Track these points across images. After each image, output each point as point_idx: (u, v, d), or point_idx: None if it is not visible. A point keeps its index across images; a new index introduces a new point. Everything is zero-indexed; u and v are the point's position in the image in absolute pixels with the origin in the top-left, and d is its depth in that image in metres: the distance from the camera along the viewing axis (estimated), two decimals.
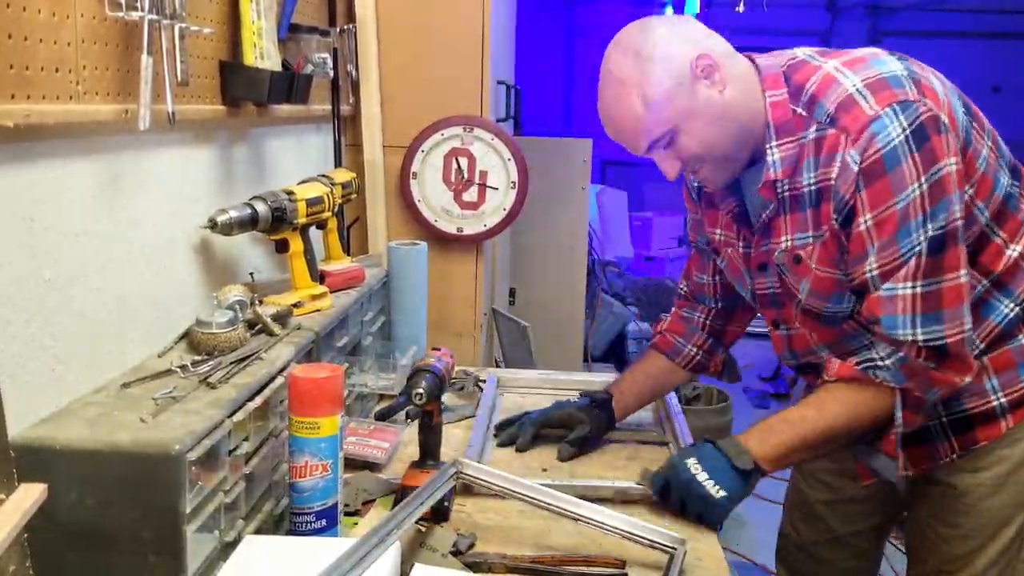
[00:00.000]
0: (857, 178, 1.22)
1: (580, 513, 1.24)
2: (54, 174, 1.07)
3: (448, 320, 2.36)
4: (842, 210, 1.26)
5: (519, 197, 2.32)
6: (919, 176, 1.20)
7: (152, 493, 0.97)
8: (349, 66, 2.20)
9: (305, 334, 1.45)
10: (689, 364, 1.65)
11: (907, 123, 1.20)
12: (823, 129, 1.26)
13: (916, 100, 1.22)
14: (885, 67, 1.26)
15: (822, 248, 1.31)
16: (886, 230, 1.22)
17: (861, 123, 1.22)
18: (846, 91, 1.25)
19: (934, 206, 1.21)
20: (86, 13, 1.08)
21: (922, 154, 1.20)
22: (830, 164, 1.25)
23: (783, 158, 1.30)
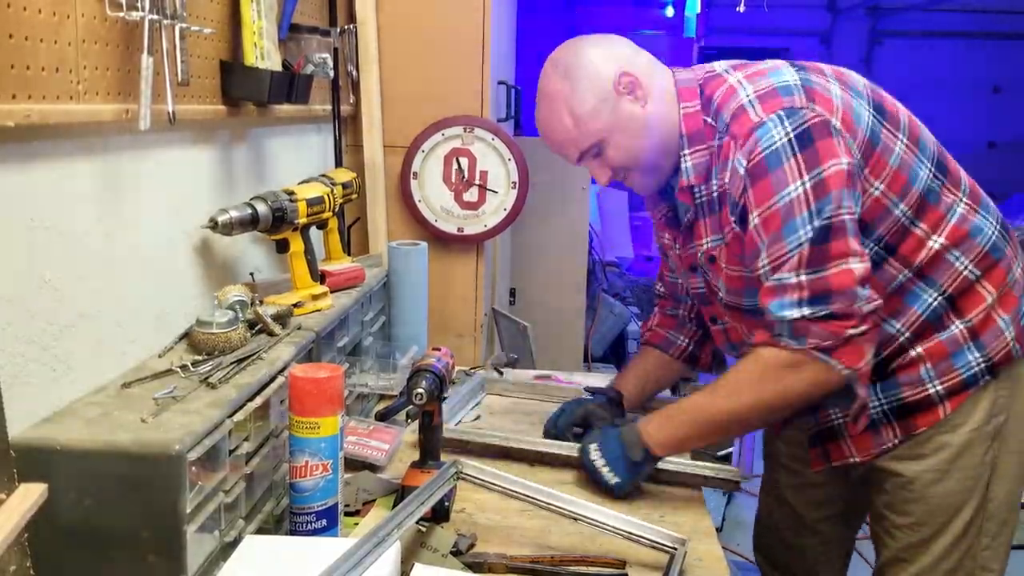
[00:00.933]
0: (744, 180, 1.31)
1: (580, 513, 1.24)
2: (54, 174, 1.07)
3: (448, 320, 2.36)
4: (735, 211, 1.35)
5: (519, 197, 2.32)
6: (801, 175, 1.28)
7: (152, 493, 0.97)
8: (349, 66, 2.19)
9: (305, 334, 1.45)
10: (682, 355, 1.70)
11: (791, 127, 1.28)
12: (721, 138, 1.36)
13: (803, 107, 1.30)
14: (779, 78, 1.35)
15: (727, 249, 1.40)
16: (771, 226, 1.30)
17: (747, 129, 1.31)
18: (740, 102, 1.34)
19: (818, 202, 1.27)
20: (86, 13, 1.08)
21: (805, 155, 1.28)
22: (724, 170, 1.35)
23: (695, 165, 1.40)
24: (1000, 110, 6.45)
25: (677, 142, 1.41)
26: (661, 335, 1.71)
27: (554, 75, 1.41)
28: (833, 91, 1.35)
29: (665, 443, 1.41)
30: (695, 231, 1.46)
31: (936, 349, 1.40)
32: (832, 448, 1.50)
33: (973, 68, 6.41)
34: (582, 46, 1.41)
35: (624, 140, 1.40)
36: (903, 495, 1.45)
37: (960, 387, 1.40)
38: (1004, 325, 1.41)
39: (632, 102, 1.39)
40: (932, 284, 1.39)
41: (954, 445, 1.41)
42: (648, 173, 1.45)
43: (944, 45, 6.43)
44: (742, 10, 4.06)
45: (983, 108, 6.41)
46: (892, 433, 1.44)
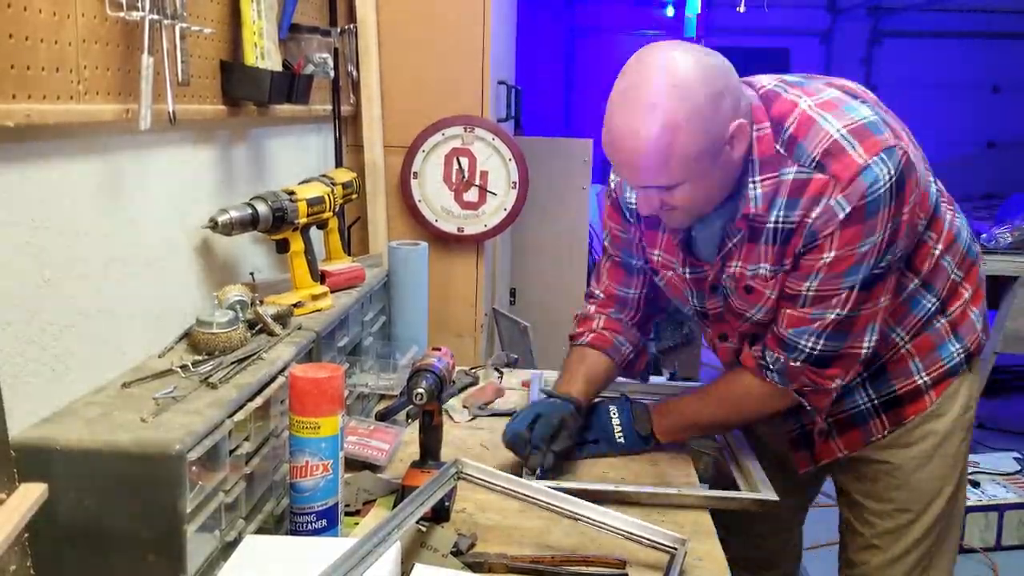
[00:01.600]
0: (839, 221, 1.26)
1: (580, 513, 1.23)
2: (54, 174, 1.07)
3: (448, 320, 2.36)
4: (810, 245, 1.30)
5: (520, 197, 2.32)
6: (887, 224, 1.27)
7: (152, 493, 0.97)
8: (350, 66, 2.19)
9: (306, 334, 1.45)
10: (624, 362, 1.65)
11: (893, 169, 1.25)
12: (805, 172, 1.28)
13: (895, 144, 1.26)
14: (859, 113, 1.29)
15: (784, 277, 1.36)
16: (840, 267, 1.29)
17: (852, 171, 1.24)
18: (830, 136, 1.26)
19: (885, 251, 1.29)
20: (87, 13, 1.08)
21: (896, 202, 1.26)
22: (812, 206, 1.27)
23: (764, 194, 1.31)
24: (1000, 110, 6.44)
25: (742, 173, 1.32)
26: (608, 340, 1.62)
27: (671, 94, 1.20)
28: (893, 122, 1.33)
29: (666, 432, 1.56)
30: (729, 255, 1.40)
31: (923, 343, 1.47)
32: (820, 448, 1.55)
33: (973, 68, 6.40)
34: (708, 70, 1.23)
35: (703, 188, 1.29)
36: (887, 482, 1.52)
37: (944, 376, 1.48)
38: (975, 318, 1.50)
39: (730, 153, 1.27)
40: (931, 290, 1.44)
41: (938, 433, 1.49)
42: (696, 215, 1.36)
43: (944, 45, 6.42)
44: (742, 10, 4.06)
45: (983, 108, 6.40)
46: (881, 425, 1.50)
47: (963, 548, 3.02)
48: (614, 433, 1.56)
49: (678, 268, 1.50)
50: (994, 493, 3.15)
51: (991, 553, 3.06)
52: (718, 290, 1.46)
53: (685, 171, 1.24)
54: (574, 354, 1.64)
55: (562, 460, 1.50)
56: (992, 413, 4.27)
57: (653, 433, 1.55)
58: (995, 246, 3.60)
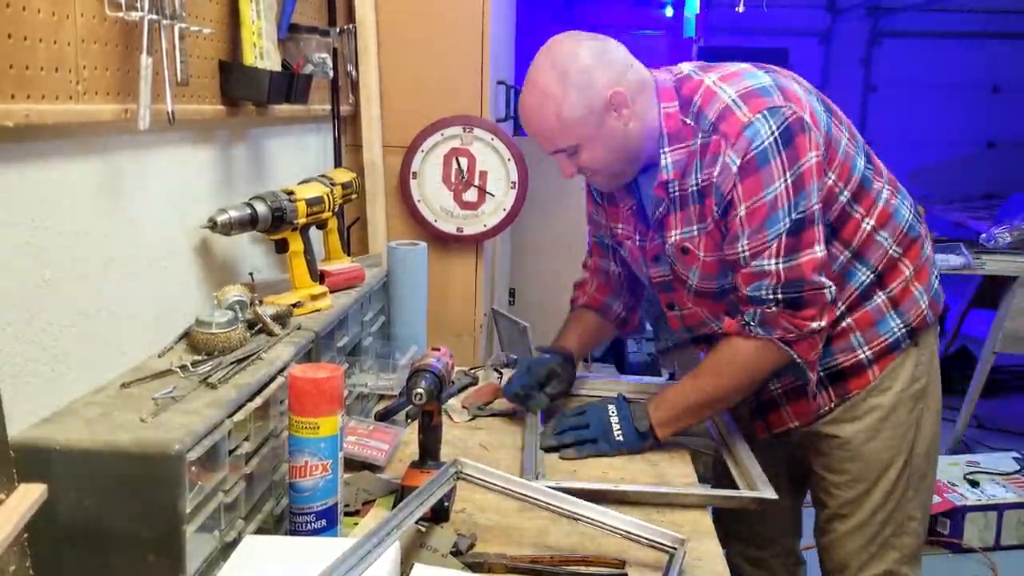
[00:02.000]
0: (735, 175, 1.41)
1: (580, 513, 1.23)
2: (54, 174, 1.07)
3: (448, 320, 2.36)
4: (721, 203, 1.45)
5: (519, 197, 2.32)
6: (784, 172, 1.40)
7: (152, 493, 0.97)
8: (349, 66, 2.19)
9: (305, 334, 1.45)
10: (616, 319, 1.83)
11: (775, 126, 1.40)
12: (707, 136, 1.45)
13: (783, 105, 1.42)
14: (755, 79, 1.46)
15: (707, 237, 1.50)
16: (756, 219, 1.42)
17: (737, 128, 1.41)
18: (723, 102, 1.44)
19: (796, 197, 1.41)
20: (86, 13, 1.08)
21: (787, 153, 1.40)
22: (713, 165, 1.44)
23: (674, 162, 1.49)
24: (1000, 110, 6.43)
25: (651, 144, 1.50)
26: (599, 300, 1.82)
27: (550, 72, 1.45)
28: (798, 90, 1.47)
29: (664, 422, 1.58)
30: (666, 223, 1.54)
31: (863, 318, 1.57)
32: (773, 418, 1.66)
33: (973, 68, 6.39)
34: (581, 51, 1.45)
35: (600, 150, 1.48)
36: (840, 455, 1.62)
37: (886, 351, 1.57)
38: (919, 295, 1.59)
39: (616, 119, 1.46)
40: (865, 263, 1.55)
41: (884, 407, 1.59)
42: (612, 177, 1.56)
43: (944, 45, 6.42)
44: (741, 10, 4.05)
45: (983, 108, 6.40)
46: (828, 398, 1.60)
47: (963, 548, 3.03)
48: (612, 431, 1.58)
49: (635, 238, 1.64)
50: (993, 493, 3.15)
51: (990, 553, 3.06)
52: (660, 259, 1.61)
53: (573, 134, 1.46)
54: (571, 315, 1.86)
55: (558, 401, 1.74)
56: (992, 413, 4.27)
57: (652, 428, 1.57)
58: (995, 246, 3.61)
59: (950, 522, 3.05)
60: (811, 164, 1.42)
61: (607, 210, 1.72)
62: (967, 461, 3.40)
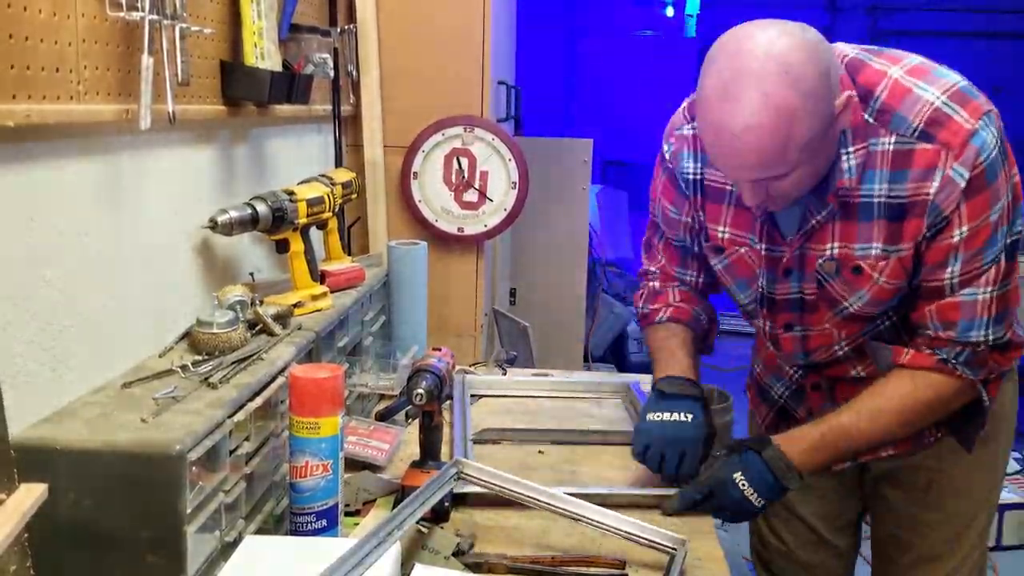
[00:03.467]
0: (962, 193, 1.20)
1: (580, 513, 1.23)
2: (54, 174, 1.07)
3: (448, 320, 2.36)
4: (940, 222, 1.22)
5: (520, 197, 2.32)
6: (1007, 186, 1.23)
7: (152, 493, 0.97)
8: (349, 66, 2.19)
9: (305, 334, 1.45)
10: (703, 335, 1.56)
11: (996, 133, 1.21)
12: (906, 143, 1.21)
13: (992, 108, 1.23)
14: (952, 77, 1.24)
15: (898, 262, 1.27)
16: (977, 242, 1.23)
17: (962, 138, 1.19)
18: (932, 104, 1.21)
19: (1012, 213, 1.25)
20: (86, 13, 1.08)
21: (1007, 164, 1.22)
22: (926, 179, 1.21)
23: (857, 165, 1.24)
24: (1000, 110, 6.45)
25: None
26: (688, 312, 1.52)
27: (781, 82, 1.12)
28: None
29: (814, 469, 1.34)
30: (822, 234, 1.31)
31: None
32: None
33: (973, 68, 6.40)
34: (813, 48, 1.15)
35: (813, 168, 1.21)
36: (939, 490, 1.45)
37: (996, 377, 1.38)
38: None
39: (836, 127, 1.20)
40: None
41: (985, 435, 1.42)
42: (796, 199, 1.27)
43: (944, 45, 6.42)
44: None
45: None
46: (933, 428, 1.42)
47: None
48: (752, 504, 1.31)
49: (755, 244, 1.37)
50: None
51: (991, 553, 3.05)
52: (793, 274, 1.36)
53: (800, 158, 1.17)
54: (660, 332, 1.52)
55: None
56: None
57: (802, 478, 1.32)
58: None
59: None
60: (1019, 177, 1.25)
61: (704, 207, 1.42)
62: None
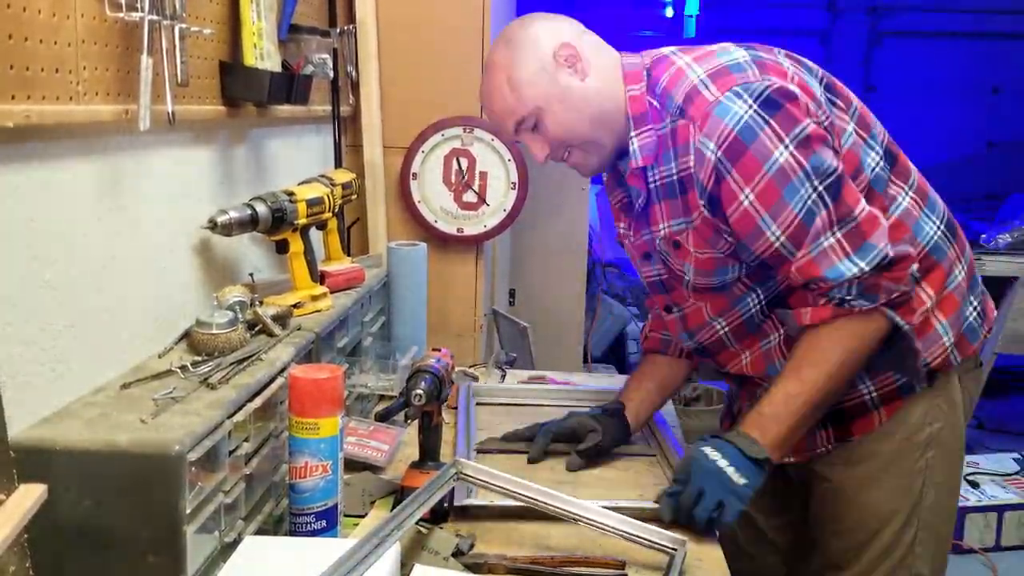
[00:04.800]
0: (717, 163, 1.27)
1: (580, 514, 1.23)
2: (54, 174, 1.07)
3: (448, 320, 2.36)
4: (705, 195, 1.31)
5: (519, 197, 2.32)
6: (781, 139, 1.25)
7: (152, 493, 0.97)
8: (349, 67, 2.20)
9: (305, 335, 1.45)
10: (682, 353, 1.63)
11: (752, 99, 1.26)
12: (675, 120, 1.33)
13: (757, 80, 1.27)
14: (728, 56, 1.33)
15: (695, 233, 1.36)
16: (770, 198, 1.26)
17: (704, 110, 1.28)
18: (691, 83, 1.31)
19: (809, 159, 1.25)
20: (86, 13, 1.08)
21: (777, 119, 1.25)
22: (687, 153, 1.31)
23: (642, 146, 1.37)
24: (1000, 110, 6.43)
25: (622, 123, 1.38)
26: (656, 338, 1.66)
27: (499, 45, 1.39)
28: (783, 63, 1.35)
29: (776, 443, 1.31)
30: (650, 216, 1.43)
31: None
32: None
33: (973, 68, 6.38)
34: (529, 19, 1.41)
35: (562, 112, 1.36)
36: (833, 501, 1.45)
37: (895, 394, 1.39)
38: (942, 330, 1.39)
39: (571, 75, 1.36)
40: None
41: (885, 453, 1.41)
42: (589, 151, 1.41)
43: (944, 45, 6.41)
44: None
45: (983, 108, 6.39)
46: (825, 438, 1.43)
47: (963, 548, 3.02)
48: (731, 480, 1.27)
49: (630, 235, 1.52)
50: (994, 494, 3.16)
51: (991, 554, 3.06)
52: (650, 257, 1.49)
53: (529, 96, 1.35)
54: (641, 364, 1.71)
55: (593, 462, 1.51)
56: (992, 413, 4.27)
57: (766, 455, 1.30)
58: (995, 246, 3.61)
59: None
60: (812, 129, 1.26)
61: (615, 213, 1.58)
62: (967, 462, 3.40)
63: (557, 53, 1.36)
